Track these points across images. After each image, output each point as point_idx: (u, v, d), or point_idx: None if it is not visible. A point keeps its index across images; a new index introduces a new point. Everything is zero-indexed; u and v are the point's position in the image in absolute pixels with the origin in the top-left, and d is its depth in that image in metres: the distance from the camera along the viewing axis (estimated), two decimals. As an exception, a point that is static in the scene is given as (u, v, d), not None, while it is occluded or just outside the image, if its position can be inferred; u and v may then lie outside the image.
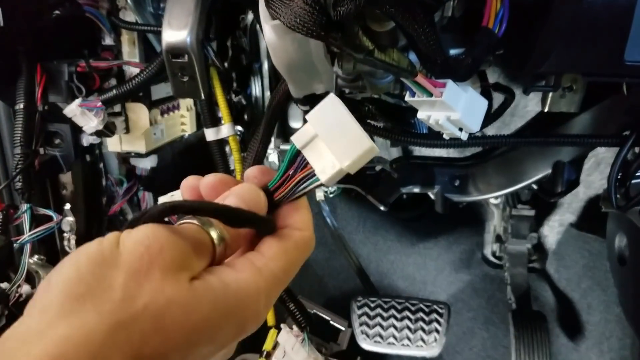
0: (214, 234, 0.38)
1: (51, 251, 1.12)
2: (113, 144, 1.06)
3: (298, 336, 1.00)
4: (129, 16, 0.91)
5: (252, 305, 0.37)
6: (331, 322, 1.35)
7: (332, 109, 0.40)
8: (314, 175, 0.40)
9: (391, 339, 1.27)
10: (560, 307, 1.48)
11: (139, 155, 1.07)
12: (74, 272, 0.32)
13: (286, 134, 1.03)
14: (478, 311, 1.57)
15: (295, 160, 0.41)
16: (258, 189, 0.41)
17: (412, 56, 0.58)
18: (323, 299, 1.63)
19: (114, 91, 0.88)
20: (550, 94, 0.79)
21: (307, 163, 0.40)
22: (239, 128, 1.02)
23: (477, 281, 1.63)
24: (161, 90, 1.06)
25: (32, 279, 1.03)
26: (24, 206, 0.88)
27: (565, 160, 0.95)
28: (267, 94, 0.99)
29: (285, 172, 0.41)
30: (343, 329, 1.33)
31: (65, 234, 1.11)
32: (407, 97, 0.65)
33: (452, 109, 0.60)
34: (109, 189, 1.25)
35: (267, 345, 1.03)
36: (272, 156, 1.12)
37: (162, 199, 0.43)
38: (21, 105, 0.87)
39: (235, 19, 0.94)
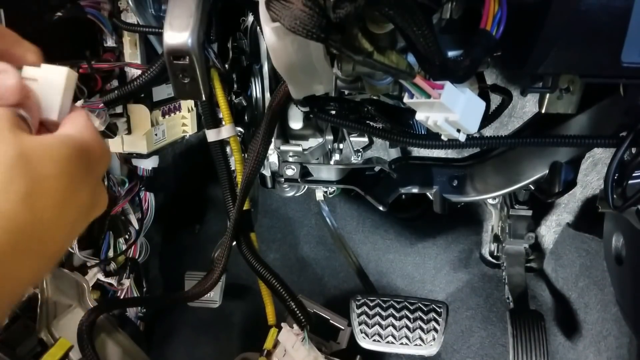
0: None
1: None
2: (115, 145, 1.06)
3: (298, 335, 1.00)
4: (131, 18, 0.92)
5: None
6: (331, 321, 1.35)
7: None
8: None
9: (390, 338, 1.28)
10: (557, 306, 1.49)
11: (140, 155, 1.07)
12: None
13: (286, 134, 1.04)
14: (476, 310, 1.58)
15: None
16: None
17: (411, 58, 0.59)
18: (323, 298, 1.64)
19: (116, 92, 0.89)
20: (548, 95, 0.80)
21: None
22: (240, 129, 1.03)
23: (475, 280, 1.64)
24: (162, 91, 1.07)
25: (34, 279, 1.04)
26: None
27: (562, 160, 0.95)
28: (268, 95, 1.00)
29: None
30: (343, 327, 1.34)
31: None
32: (406, 99, 0.66)
33: (450, 111, 0.61)
34: (110, 189, 1.26)
35: (268, 344, 1.04)
36: (273, 157, 1.13)
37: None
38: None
39: (236, 21, 0.94)
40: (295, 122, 0.99)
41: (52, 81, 0.50)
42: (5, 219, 0.38)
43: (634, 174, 0.81)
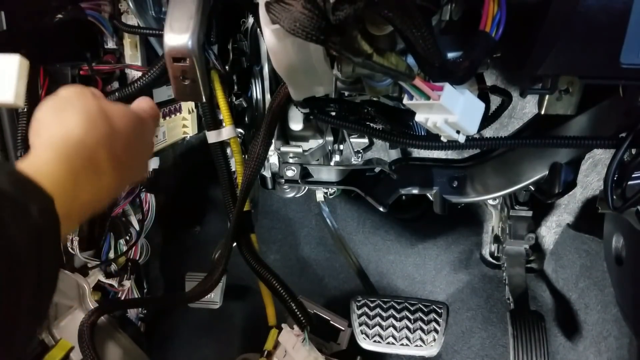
0: None
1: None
2: (115, 146, 1.06)
3: (299, 335, 1.01)
4: (131, 20, 0.92)
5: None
6: (331, 322, 1.35)
7: None
8: None
9: (390, 339, 1.28)
10: (558, 307, 1.49)
11: (140, 157, 1.07)
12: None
13: (286, 136, 1.04)
14: (477, 311, 1.58)
15: None
16: None
17: (410, 59, 0.59)
18: (323, 299, 1.64)
19: (117, 94, 0.89)
20: (547, 97, 0.80)
21: None
22: (240, 130, 1.03)
23: (475, 281, 1.64)
24: (163, 93, 1.07)
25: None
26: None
27: (562, 161, 0.95)
28: (268, 96, 1.00)
29: None
30: (343, 328, 1.34)
31: (68, 235, 1.12)
32: (405, 100, 0.66)
33: (450, 112, 0.61)
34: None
35: (268, 345, 1.04)
36: (273, 158, 1.13)
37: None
38: (25, 108, 0.88)
39: (236, 23, 0.95)
40: (296, 124, 1.00)
41: (5, 69, 0.57)
42: (90, 149, 0.53)
43: (633, 175, 0.81)
